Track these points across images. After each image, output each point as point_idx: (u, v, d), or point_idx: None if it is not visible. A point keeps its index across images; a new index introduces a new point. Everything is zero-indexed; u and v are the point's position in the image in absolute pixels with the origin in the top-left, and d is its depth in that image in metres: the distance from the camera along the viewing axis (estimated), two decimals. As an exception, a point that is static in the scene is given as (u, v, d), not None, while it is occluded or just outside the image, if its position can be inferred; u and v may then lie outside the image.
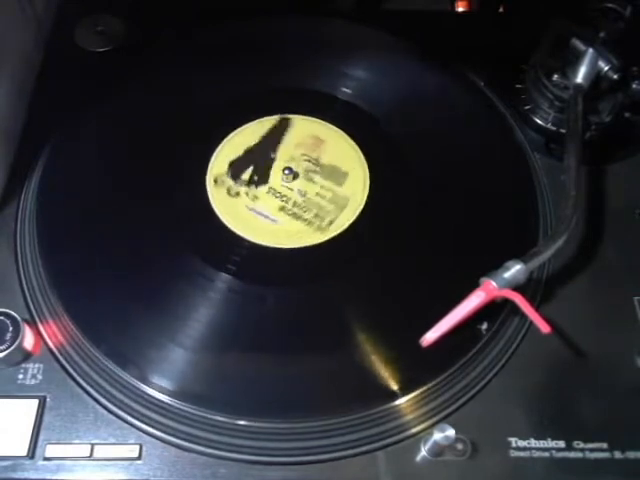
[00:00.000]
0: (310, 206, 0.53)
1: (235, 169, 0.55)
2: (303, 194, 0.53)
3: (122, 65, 0.60)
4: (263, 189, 0.54)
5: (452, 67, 0.61)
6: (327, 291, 0.49)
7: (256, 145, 0.56)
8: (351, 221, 0.52)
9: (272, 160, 0.55)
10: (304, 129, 0.57)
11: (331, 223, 0.52)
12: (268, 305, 0.48)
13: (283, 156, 0.55)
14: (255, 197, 0.53)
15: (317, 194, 0.53)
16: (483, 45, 0.62)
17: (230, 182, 0.54)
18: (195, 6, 0.64)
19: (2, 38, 0.55)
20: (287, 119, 0.57)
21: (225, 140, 0.56)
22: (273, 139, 0.56)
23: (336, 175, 0.54)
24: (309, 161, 0.55)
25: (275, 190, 0.54)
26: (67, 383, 0.46)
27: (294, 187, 0.54)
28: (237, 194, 0.53)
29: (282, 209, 0.53)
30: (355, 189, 0.54)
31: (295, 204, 0.53)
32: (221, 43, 0.61)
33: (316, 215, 0.52)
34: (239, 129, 0.56)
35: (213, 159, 0.55)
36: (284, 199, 0.53)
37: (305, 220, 0.52)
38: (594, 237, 0.53)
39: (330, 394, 0.45)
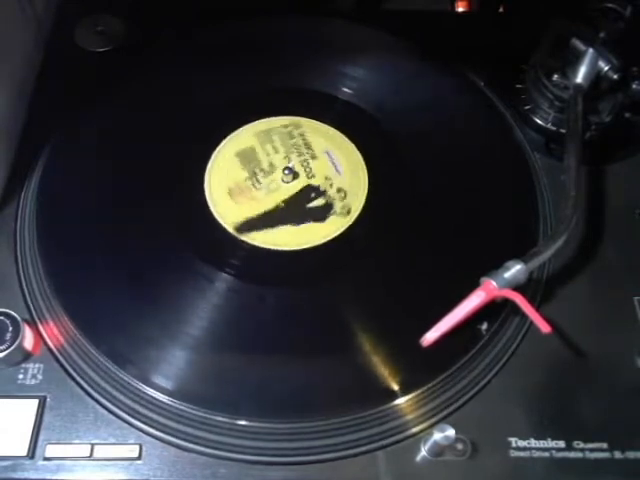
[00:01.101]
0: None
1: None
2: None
3: (122, 65, 0.60)
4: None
5: (452, 67, 0.61)
6: (327, 291, 0.49)
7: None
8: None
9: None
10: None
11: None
12: (268, 305, 0.48)
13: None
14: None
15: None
16: (483, 45, 0.62)
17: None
18: (195, 6, 0.64)
19: (2, 38, 0.55)
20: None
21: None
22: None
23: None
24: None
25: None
26: (67, 383, 0.46)
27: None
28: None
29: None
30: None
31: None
32: (221, 43, 0.61)
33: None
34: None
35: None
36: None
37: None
38: (594, 237, 0.53)
39: (330, 394, 0.45)
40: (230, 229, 0.51)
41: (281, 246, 0.51)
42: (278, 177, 0.54)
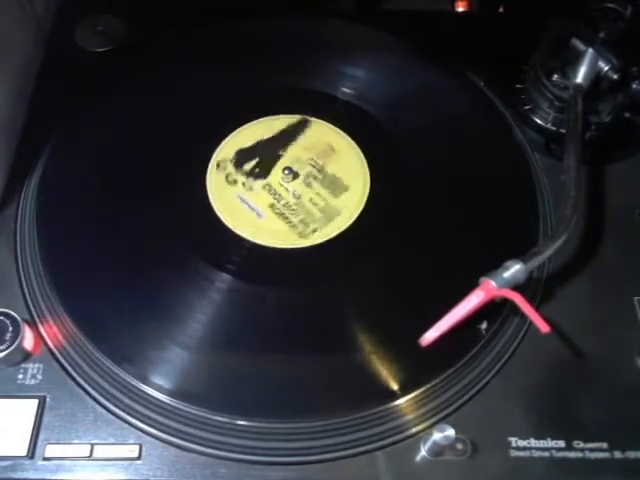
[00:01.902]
0: (299, 210, 0.53)
1: (240, 157, 0.55)
2: (297, 196, 0.53)
3: (122, 65, 0.60)
4: (261, 183, 0.54)
5: (452, 67, 0.61)
6: (327, 291, 0.49)
7: (268, 139, 0.56)
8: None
9: (278, 157, 0.55)
10: (320, 134, 0.56)
11: (314, 231, 0.51)
12: (268, 305, 0.48)
13: (290, 155, 0.55)
14: (250, 189, 0.53)
15: (310, 200, 0.53)
16: (483, 45, 0.62)
17: (231, 169, 0.54)
18: (195, 6, 0.64)
19: (2, 38, 0.55)
20: (307, 121, 0.57)
21: (241, 128, 0.56)
22: (287, 137, 0.56)
23: (335, 186, 0.54)
24: (313, 166, 0.55)
25: (271, 186, 0.54)
26: (67, 383, 0.46)
27: (290, 188, 0.54)
28: (234, 182, 0.53)
29: (272, 206, 0.53)
30: (350, 202, 0.53)
31: (286, 205, 0.53)
32: (221, 43, 0.61)
33: (302, 220, 0.52)
34: (259, 119, 0.57)
35: (223, 144, 0.55)
36: (277, 197, 0.53)
37: (290, 222, 0.52)
38: (594, 237, 0.53)
39: (330, 394, 0.45)
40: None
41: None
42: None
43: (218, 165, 0.54)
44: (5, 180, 0.54)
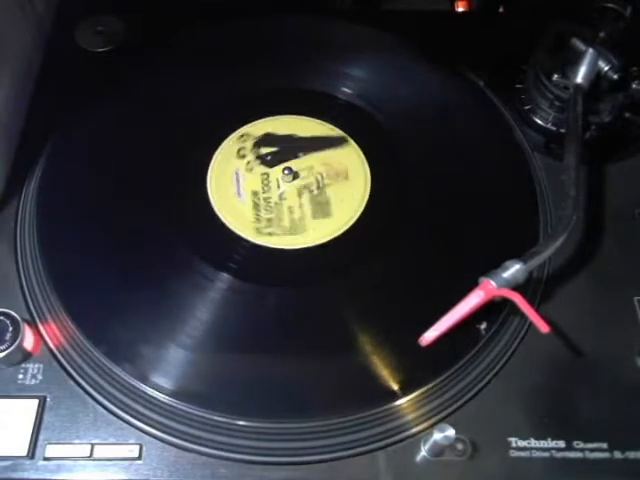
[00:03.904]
0: (274, 210, 0.53)
1: (264, 140, 0.56)
2: (282, 198, 0.53)
3: (122, 65, 0.60)
4: (262, 169, 0.54)
5: (452, 67, 0.61)
6: (327, 291, 0.49)
7: (299, 138, 0.56)
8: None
9: (294, 157, 0.55)
10: (345, 157, 0.55)
11: (270, 235, 0.51)
12: (268, 305, 0.48)
13: (305, 161, 0.55)
14: (251, 170, 0.54)
15: (289, 207, 0.53)
16: (483, 45, 0.62)
17: (249, 145, 0.55)
18: (195, 6, 0.64)
19: (2, 38, 0.55)
20: (345, 141, 0.56)
21: (284, 116, 0.57)
22: (315, 145, 0.56)
23: (321, 209, 0.53)
24: (317, 181, 0.54)
25: (268, 177, 0.54)
26: (67, 383, 0.46)
27: (283, 187, 0.54)
28: (243, 157, 0.54)
29: (255, 193, 0.53)
30: (324, 233, 0.52)
31: (267, 199, 0.53)
32: (221, 43, 0.61)
33: (268, 219, 0.52)
34: (304, 117, 0.57)
35: (260, 121, 0.57)
36: (265, 188, 0.53)
37: (257, 215, 0.52)
38: (594, 237, 0.53)
39: (330, 394, 0.45)
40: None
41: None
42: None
43: (242, 136, 0.55)
44: (5, 180, 0.54)
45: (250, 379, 0.46)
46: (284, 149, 0.56)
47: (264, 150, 0.55)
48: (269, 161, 0.55)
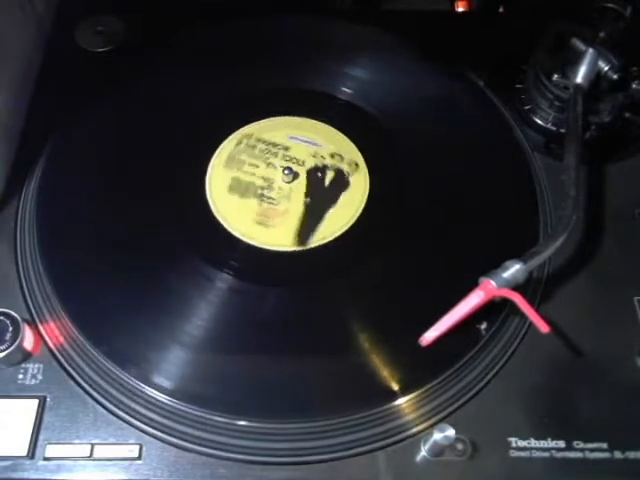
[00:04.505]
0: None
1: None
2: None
3: (122, 65, 0.60)
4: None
5: (452, 67, 0.61)
6: (327, 291, 0.49)
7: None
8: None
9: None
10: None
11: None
12: (268, 305, 0.48)
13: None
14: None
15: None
16: (483, 45, 0.62)
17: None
18: (195, 6, 0.64)
19: (2, 38, 0.55)
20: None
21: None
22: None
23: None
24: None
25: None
26: (67, 383, 0.46)
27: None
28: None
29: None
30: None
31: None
32: (221, 43, 0.61)
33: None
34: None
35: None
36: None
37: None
38: (594, 237, 0.53)
39: (330, 394, 0.45)
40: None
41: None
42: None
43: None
44: (5, 180, 0.54)
45: (250, 379, 0.46)
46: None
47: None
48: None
